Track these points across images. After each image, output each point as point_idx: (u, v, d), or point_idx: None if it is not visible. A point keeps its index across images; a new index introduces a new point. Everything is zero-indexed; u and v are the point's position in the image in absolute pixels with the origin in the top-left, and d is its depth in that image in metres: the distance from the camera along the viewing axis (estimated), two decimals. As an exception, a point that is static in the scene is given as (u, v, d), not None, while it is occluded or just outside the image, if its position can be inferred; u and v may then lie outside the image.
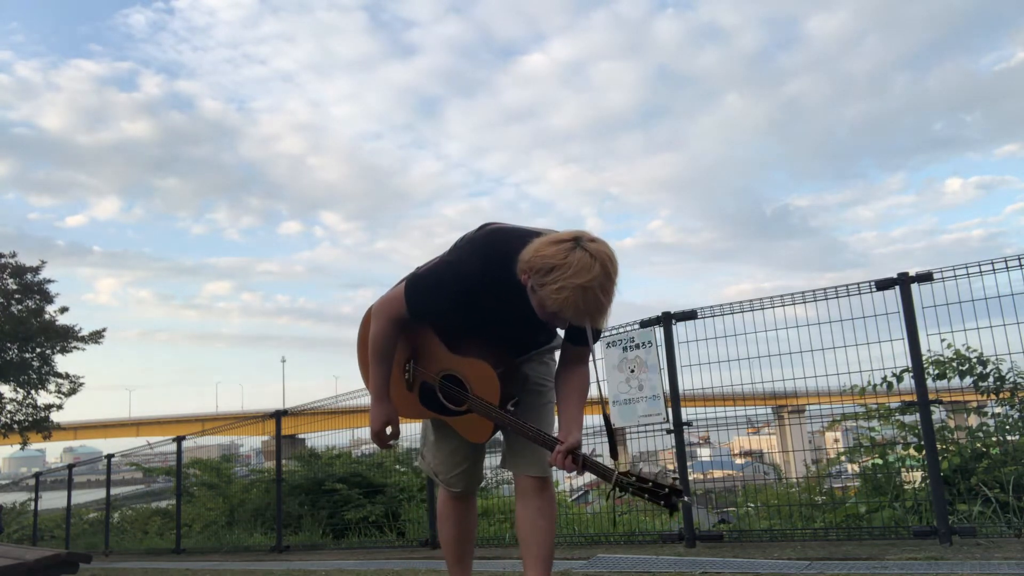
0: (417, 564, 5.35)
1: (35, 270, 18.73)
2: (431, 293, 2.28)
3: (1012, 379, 4.73)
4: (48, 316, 18.64)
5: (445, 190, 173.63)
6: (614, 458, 2.32)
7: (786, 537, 4.64)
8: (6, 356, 17.98)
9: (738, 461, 8.98)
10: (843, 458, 5.50)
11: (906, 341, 4.27)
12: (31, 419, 18.85)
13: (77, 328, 18.91)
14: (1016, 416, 4.79)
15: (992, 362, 4.80)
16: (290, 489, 8.88)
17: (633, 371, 5.12)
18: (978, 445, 4.75)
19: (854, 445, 5.28)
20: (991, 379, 4.81)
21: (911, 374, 4.34)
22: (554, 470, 2.31)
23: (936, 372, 4.85)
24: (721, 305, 4.84)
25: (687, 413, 5.00)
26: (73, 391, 19.17)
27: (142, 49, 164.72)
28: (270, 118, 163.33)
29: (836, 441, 5.97)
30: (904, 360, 4.35)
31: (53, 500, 17.12)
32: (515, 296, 2.12)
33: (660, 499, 2.09)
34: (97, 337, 19.19)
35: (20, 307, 18.40)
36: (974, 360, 4.83)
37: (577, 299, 1.96)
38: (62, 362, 19.18)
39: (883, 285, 4.35)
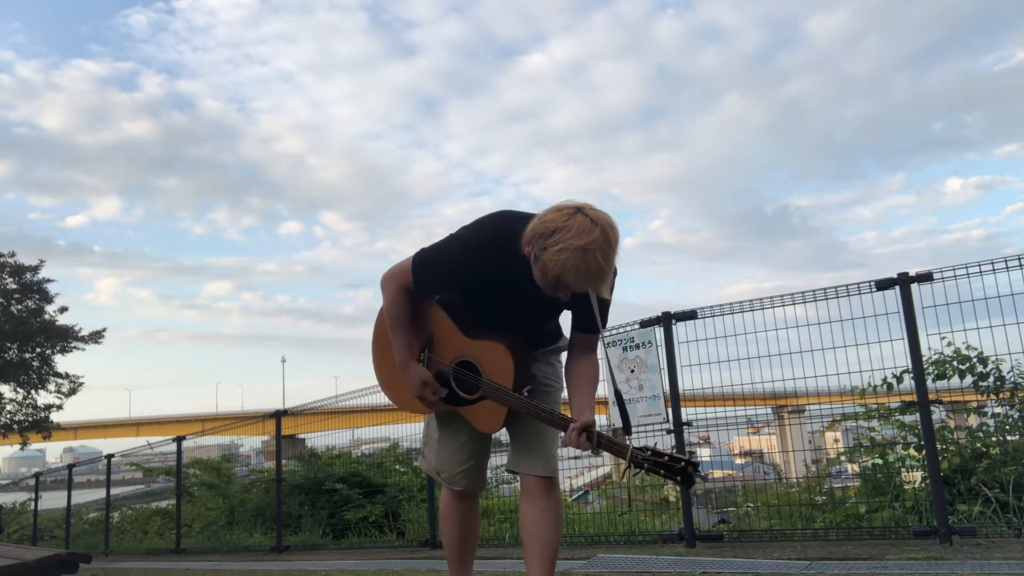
0: (417, 564, 5.35)
1: (34, 270, 18.74)
2: (439, 267, 2.29)
3: (1012, 379, 4.73)
4: (48, 316, 18.65)
5: (445, 190, 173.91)
6: (628, 434, 2.33)
7: (786, 537, 4.64)
8: (6, 356, 17.99)
9: (738, 461, 8.98)
10: (843, 458, 5.49)
11: (906, 341, 4.27)
12: (31, 419, 18.86)
13: (77, 328, 18.94)
14: (1016, 416, 4.79)
15: (992, 362, 4.80)
16: (290, 489, 8.87)
17: (633, 371, 5.12)
18: (978, 445, 4.75)
19: (854, 445, 5.28)
20: (991, 379, 4.81)
21: (911, 374, 4.34)
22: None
23: (936, 372, 4.85)
24: (721, 305, 4.85)
25: (687, 413, 4.99)
26: (73, 391, 19.18)
27: (143, 49, 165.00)
28: (270, 118, 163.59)
29: (836, 441, 5.97)
30: (904, 360, 4.35)
31: (53, 500, 17.11)
32: (521, 276, 2.16)
33: (676, 474, 2.08)
34: (97, 337, 19.20)
35: (20, 307, 18.40)
36: (974, 359, 4.83)
37: (578, 261, 1.98)
38: (62, 362, 19.24)
39: (883, 285, 4.35)
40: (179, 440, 10.26)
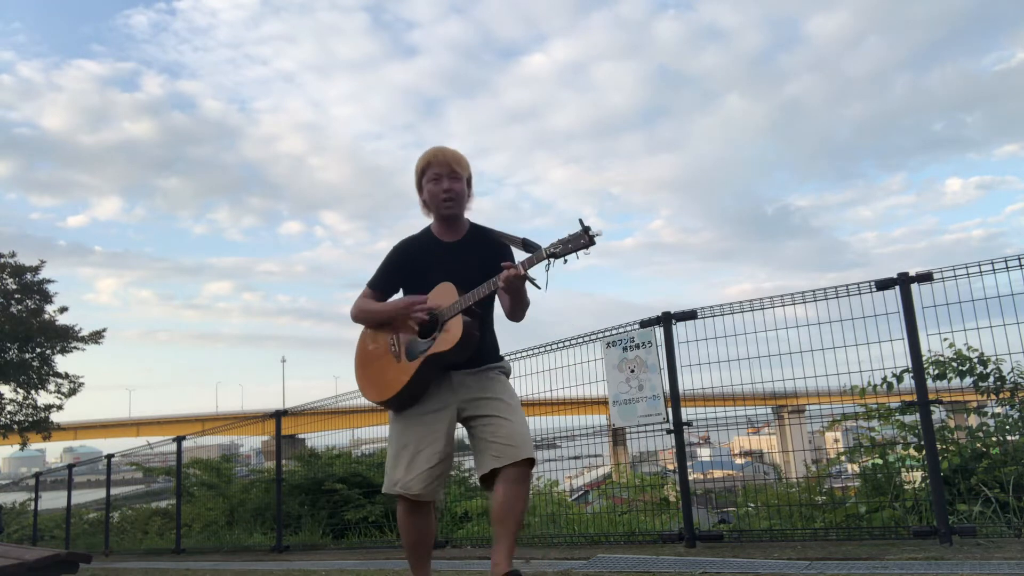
0: (417, 564, 5.34)
1: (34, 270, 18.72)
2: (384, 268, 3.06)
3: (1012, 379, 4.73)
4: (48, 316, 18.64)
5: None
6: (533, 251, 2.64)
7: (786, 537, 4.64)
8: (6, 356, 17.98)
9: (738, 461, 8.98)
10: (843, 458, 5.49)
11: (906, 341, 4.27)
12: (31, 419, 18.85)
13: (77, 328, 18.93)
14: (1016, 416, 4.79)
15: (992, 362, 4.80)
16: (290, 489, 8.87)
17: (633, 371, 5.12)
18: (978, 445, 4.75)
19: (854, 445, 5.28)
20: (991, 379, 4.81)
21: (911, 374, 4.34)
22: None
23: (936, 372, 4.85)
24: (721, 305, 4.84)
25: (687, 413, 4.99)
26: (73, 391, 19.18)
27: (144, 49, 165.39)
28: (271, 118, 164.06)
29: (836, 441, 5.96)
30: (904, 360, 4.34)
31: (53, 500, 17.11)
32: (434, 243, 2.98)
33: (583, 240, 2.45)
34: (97, 337, 19.18)
35: (19, 307, 18.39)
36: (975, 360, 4.83)
37: (428, 151, 2.98)
38: (62, 362, 19.20)
39: (883, 285, 4.35)
40: (179, 440, 10.25)
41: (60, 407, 19.21)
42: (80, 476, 16.33)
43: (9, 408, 18.74)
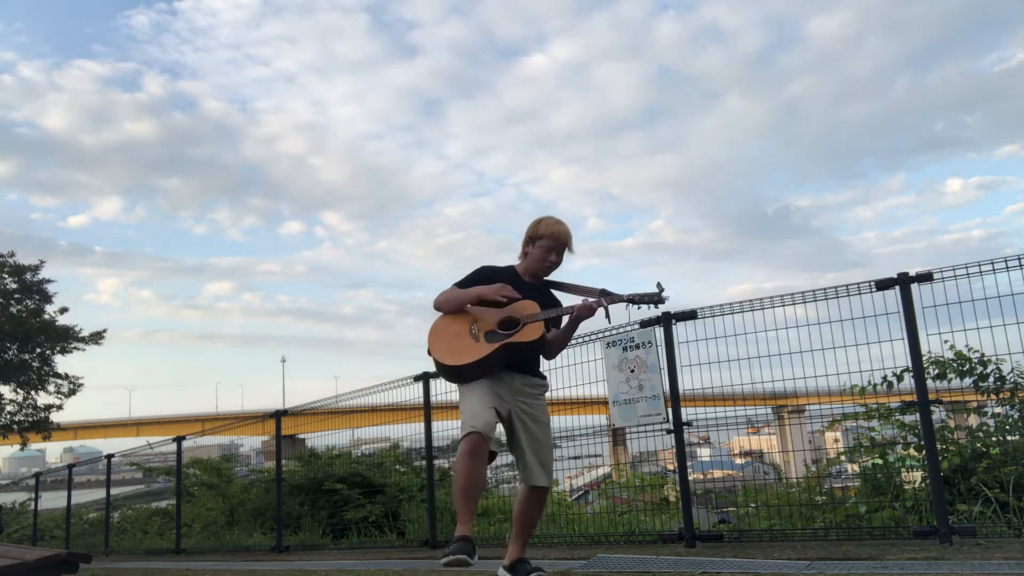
0: (417, 564, 5.35)
1: (34, 270, 18.71)
2: (466, 277, 3.63)
3: (1012, 379, 4.72)
4: (47, 316, 18.62)
5: (447, 190, 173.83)
6: (613, 298, 3.41)
7: (786, 537, 4.64)
8: (6, 356, 17.97)
9: (738, 461, 8.98)
10: (843, 458, 5.49)
11: (906, 341, 4.27)
12: (31, 420, 18.83)
13: (77, 328, 18.91)
14: (1016, 416, 4.79)
15: (992, 362, 4.80)
16: (290, 489, 8.87)
17: (633, 371, 5.12)
18: (978, 445, 4.75)
19: (854, 445, 5.28)
20: (991, 379, 4.81)
21: (911, 374, 4.34)
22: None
23: (936, 372, 4.84)
24: (721, 305, 4.84)
25: (687, 413, 4.99)
26: (73, 391, 19.16)
27: (145, 50, 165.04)
28: (272, 118, 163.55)
29: (836, 441, 5.96)
30: (904, 360, 4.34)
31: (53, 500, 17.11)
32: (516, 281, 3.54)
33: (656, 299, 3.27)
34: (97, 338, 19.17)
35: (19, 307, 18.38)
36: (975, 360, 4.82)
37: (554, 227, 3.55)
38: (62, 362, 19.13)
39: (883, 285, 4.35)
40: (179, 440, 10.26)
41: (60, 407, 19.21)
42: (80, 476, 16.34)
43: (9, 408, 18.72)
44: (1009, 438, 4.75)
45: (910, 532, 4.23)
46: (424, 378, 6.53)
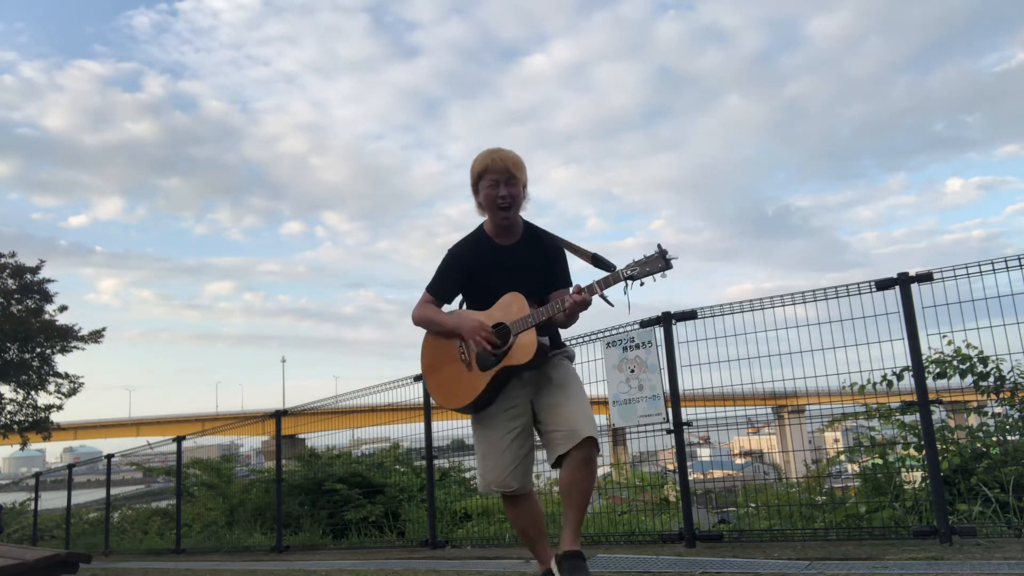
0: (417, 564, 5.35)
1: (34, 270, 18.72)
2: (441, 275, 3.08)
3: (1012, 379, 4.72)
4: (48, 316, 18.63)
5: (447, 190, 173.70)
6: (610, 270, 2.81)
7: (786, 537, 4.64)
8: (6, 356, 17.97)
9: (738, 461, 8.97)
10: (843, 458, 5.49)
11: (906, 341, 4.27)
12: (31, 419, 18.84)
13: (77, 328, 18.92)
14: (1016, 416, 4.79)
15: (992, 362, 4.80)
16: (290, 489, 8.87)
17: (633, 371, 5.12)
18: (978, 445, 4.74)
19: (854, 445, 5.27)
20: (991, 379, 4.81)
21: (911, 372, 4.34)
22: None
23: (936, 371, 4.84)
24: (721, 305, 4.84)
25: (687, 413, 4.99)
26: (73, 391, 19.18)
27: (146, 50, 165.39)
28: (273, 119, 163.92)
29: (836, 441, 5.96)
30: (904, 360, 4.34)
31: (53, 500, 17.11)
32: (493, 251, 3.02)
33: (660, 264, 2.65)
34: (97, 337, 19.18)
35: (19, 307, 18.38)
36: (975, 359, 4.82)
37: (487, 157, 2.94)
38: (62, 362, 19.22)
39: (883, 285, 4.34)
40: (179, 440, 10.25)
41: (60, 407, 19.23)
42: (80, 476, 16.33)
43: (9, 408, 18.74)
44: (1009, 438, 4.74)
45: (910, 532, 4.22)
46: (424, 378, 6.51)
